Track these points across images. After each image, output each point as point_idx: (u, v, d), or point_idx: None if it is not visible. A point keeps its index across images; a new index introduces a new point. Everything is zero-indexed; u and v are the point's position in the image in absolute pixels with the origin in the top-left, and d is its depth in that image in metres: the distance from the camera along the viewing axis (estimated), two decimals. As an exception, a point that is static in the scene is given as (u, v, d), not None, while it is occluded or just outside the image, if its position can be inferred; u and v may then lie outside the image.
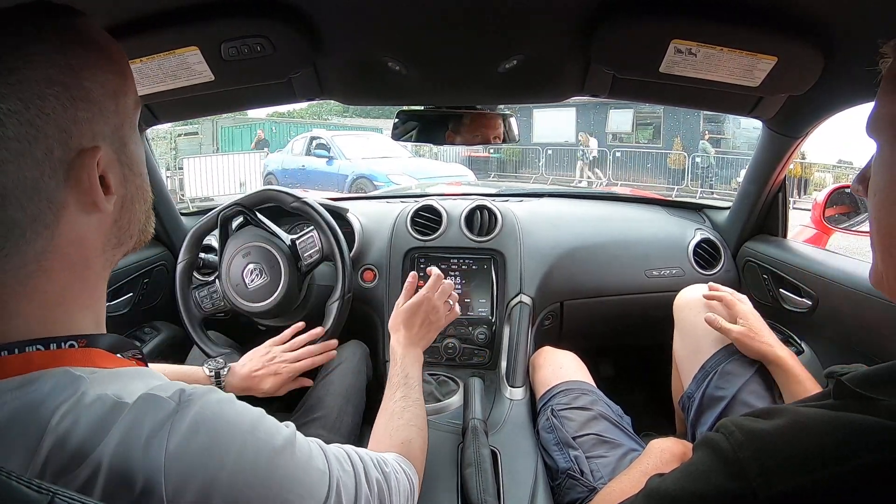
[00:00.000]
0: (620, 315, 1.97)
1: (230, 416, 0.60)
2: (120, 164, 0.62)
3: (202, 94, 1.27)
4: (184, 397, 0.57)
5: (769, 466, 0.58)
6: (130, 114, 0.65)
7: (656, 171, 15.45)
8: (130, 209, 0.65)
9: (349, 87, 1.47)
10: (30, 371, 0.54)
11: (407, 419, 1.07)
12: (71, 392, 0.53)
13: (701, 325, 1.38)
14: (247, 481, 0.58)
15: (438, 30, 1.16)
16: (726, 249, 1.95)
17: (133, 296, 1.74)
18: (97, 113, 0.59)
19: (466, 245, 1.89)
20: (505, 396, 1.59)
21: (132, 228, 0.67)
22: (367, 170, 11.59)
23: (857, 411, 0.58)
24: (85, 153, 0.57)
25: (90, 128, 0.58)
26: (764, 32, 1.06)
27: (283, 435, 0.65)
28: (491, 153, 17.79)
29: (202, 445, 0.55)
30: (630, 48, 1.13)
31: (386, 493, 0.80)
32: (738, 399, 1.27)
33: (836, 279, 1.47)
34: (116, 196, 0.62)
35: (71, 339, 0.58)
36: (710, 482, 0.63)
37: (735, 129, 15.84)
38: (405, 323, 1.27)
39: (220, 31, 1.08)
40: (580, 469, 1.25)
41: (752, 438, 0.61)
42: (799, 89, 1.20)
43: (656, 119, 16.74)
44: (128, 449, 0.52)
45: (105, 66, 0.60)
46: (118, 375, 0.59)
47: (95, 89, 0.58)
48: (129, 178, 0.64)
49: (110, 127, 0.61)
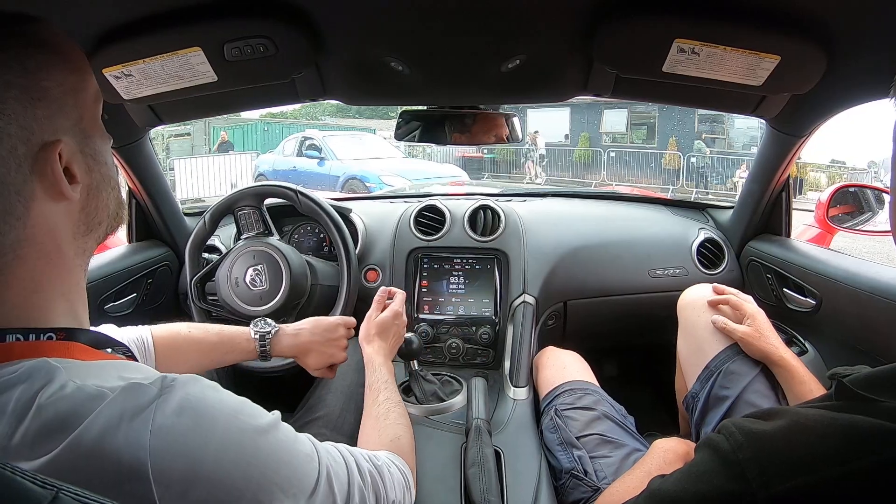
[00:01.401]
0: (624, 315, 1.97)
1: (213, 401, 0.61)
2: (83, 155, 0.65)
3: (205, 94, 1.27)
4: (166, 383, 0.59)
5: (769, 468, 0.58)
6: (90, 107, 0.68)
7: (651, 171, 15.52)
8: (97, 196, 0.68)
9: (352, 88, 1.47)
10: (10, 360, 0.56)
11: (393, 419, 1.09)
12: (48, 380, 0.55)
13: (704, 324, 1.38)
14: (232, 460, 0.59)
15: (440, 30, 1.16)
16: (730, 249, 1.95)
17: (137, 296, 1.74)
18: (56, 110, 0.62)
19: (470, 245, 1.89)
20: (508, 396, 1.59)
21: (100, 214, 0.69)
22: (359, 171, 11.48)
23: (859, 413, 0.58)
24: (47, 147, 0.60)
25: (50, 123, 0.61)
26: (767, 31, 1.05)
27: (266, 419, 0.66)
28: (485, 153, 17.74)
29: (186, 427, 0.57)
30: (633, 48, 1.13)
31: (380, 484, 0.82)
32: (742, 399, 1.26)
33: (840, 279, 1.46)
34: (82, 184, 0.65)
35: (50, 332, 0.61)
36: (710, 483, 0.63)
37: (730, 129, 15.94)
38: (380, 335, 1.30)
39: (222, 31, 1.08)
40: (584, 469, 1.25)
41: (752, 440, 0.61)
42: (802, 88, 1.20)
43: (651, 119, 16.69)
44: (110, 432, 0.53)
45: (61, 66, 0.64)
46: (99, 368, 0.61)
47: (53, 88, 0.62)
48: (93, 167, 0.67)
49: (70, 121, 0.64)
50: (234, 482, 0.58)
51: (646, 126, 17.10)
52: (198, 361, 1.22)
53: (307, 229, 2.06)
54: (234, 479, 0.58)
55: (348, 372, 1.53)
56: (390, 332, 1.32)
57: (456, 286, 1.87)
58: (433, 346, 1.82)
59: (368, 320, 1.33)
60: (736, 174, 14.41)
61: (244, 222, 1.67)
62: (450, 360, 1.80)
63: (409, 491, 0.93)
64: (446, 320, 1.82)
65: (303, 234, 2.05)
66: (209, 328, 1.26)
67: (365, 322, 1.33)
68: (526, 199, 2.25)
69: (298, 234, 2.05)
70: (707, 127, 16.20)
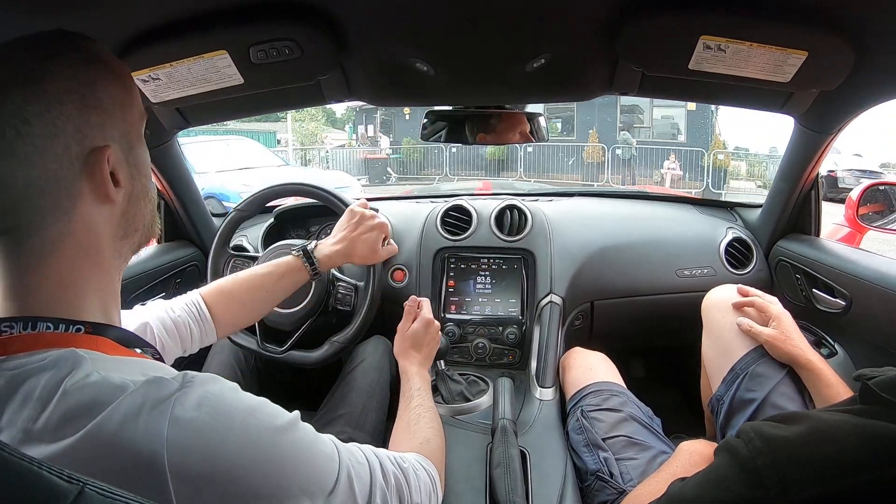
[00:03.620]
0: (651, 315, 1.95)
1: (232, 399, 0.63)
2: (127, 164, 0.71)
3: (232, 97, 1.29)
4: (187, 379, 0.61)
5: (787, 475, 0.58)
6: (136, 122, 0.73)
7: (572, 165, 15.53)
8: (136, 204, 0.73)
9: (377, 89, 1.48)
10: (39, 348, 0.59)
11: (424, 423, 1.11)
12: (73, 368, 0.58)
13: (730, 326, 1.37)
14: (250, 457, 0.60)
15: (465, 30, 1.16)
16: (758, 249, 1.92)
17: (166, 295, 1.76)
18: (107, 118, 0.67)
19: (496, 245, 1.89)
20: (535, 397, 1.58)
21: (137, 222, 0.74)
22: (220, 186, 8.13)
23: (883, 418, 0.58)
24: (98, 150, 0.65)
25: (101, 130, 0.66)
26: (794, 27, 1.04)
27: (285, 417, 0.68)
28: (389, 155, 17.80)
29: (204, 423, 0.59)
30: (658, 45, 1.13)
31: (405, 487, 0.82)
32: (768, 402, 1.25)
33: (871, 279, 1.43)
34: (124, 190, 0.70)
35: (79, 324, 0.64)
36: (728, 490, 0.63)
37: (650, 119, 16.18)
38: (414, 346, 1.34)
39: (248, 34, 1.10)
40: (609, 471, 1.25)
41: (771, 446, 0.61)
42: (830, 84, 1.18)
43: (567, 111, 16.41)
44: (130, 421, 0.56)
45: (113, 81, 0.69)
46: (123, 363, 0.64)
47: (106, 99, 0.67)
48: (135, 176, 0.72)
49: (118, 131, 0.69)
50: (251, 479, 0.60)
51: (561, 119, 17.13)
52: (254, 300, 1.25)
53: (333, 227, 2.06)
54: (252, 476, 0.60)
55: (369, 370, 1.55)
56: (423, 341, 1.36)
57: (483, 286, 1.87)
58: (460, 346, 1.82)
59: (401, 333, 1.36)
60: (665, 165, 14.27)
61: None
62: (476, 360, 1.80)
63: (436, 493, 0.93)
64: (473, 320, 1.82)
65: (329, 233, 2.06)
66: (254, 268, 1.30)
67: (398, 335, 1.36)
68: (553, 198, 2.24)
69: (325, 234, 2.06)
70: (628, 118, 16.20)
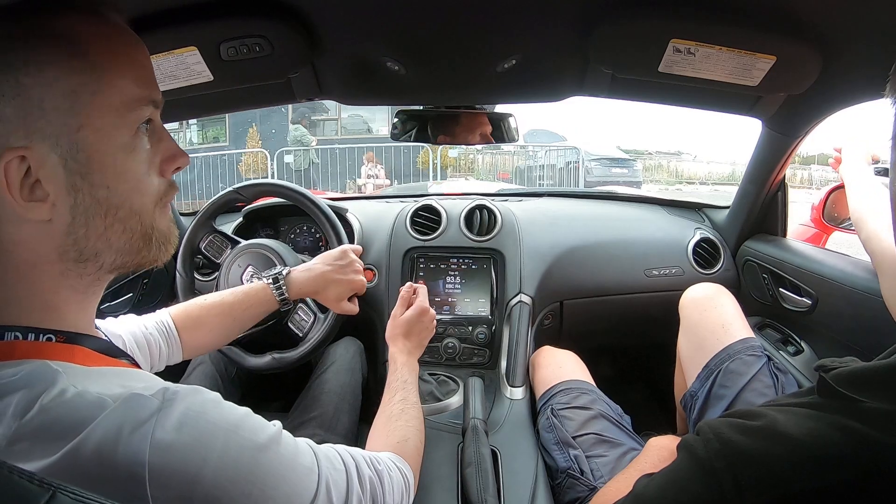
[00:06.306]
0: (620, 314, 1.97)
1: (214, 416, 0.59)
2: (66, 171, 0.57)
3: (201, 94, 1.27)
4: (167, 395, 0.57)
5: (743, 480, 0.59)
6: (107, 116, 0.59)
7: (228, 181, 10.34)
8: (86, 223, 0.60)
9: (348, 87, 1.47)
10: (10, 359, 0.55)
11: (405, 420, 1.07)
12: (48, 385, 0.53)
13: (706, 323, 1.39)
14: (229, 478, 0.57)
15: (436, 30, 1.16)
16: (726, 249, 1.96)
17: (133, 296, 1.74)
18: (34, 110, 0.54)
19: (466, 245, 1.89)
20: (505, 396, 1.59)
21: (97, 245, 0.61)
22: None
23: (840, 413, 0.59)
24: (7, 152, 0.54)
25: (23, 125, 0.54)
26: (762, 32, 1.06)
27: (267, 433, 0.64)
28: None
29: (185, 443, 0.55)
30: (629, 48, 1.14)
31: (379, 491, 0.80)
32: (740, 398, 1.27)
33: (836, 278, 1.46)
34: (60, 204, 0.57)
35: (49, 333, 0.59)
36: (687, 490, 0.65)
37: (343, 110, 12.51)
38: (405, 333, 1.28)
39: (219, 31, 1.08)
40: (580, 468, 1.26)
41: (727, 448, 0.62)
42: (798, 88, 1.20)
43: None
44: (109, 444, 0.52)
45: (62, 64, 0.56)
46: (99, 374, 0.59)
47: (35, 86, 0.54)
48: (81, 187, 0.58)
49: (55, 127, 0.56)
50: (231, 499, 0.57)
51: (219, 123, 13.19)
52: (221, 326, 1.20)
53: (303, 229, 2.05)
54: (232, 496, 0.57)
55: (341, 372, 1.53)
56: (416, 329, 1.30)
57: (452, 286, 1.87)
58: (429, 346, 1.80)
59: (394, 319, 1.31)
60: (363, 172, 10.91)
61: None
62: (446, 360, 1.80)
63: (409, 493, 0.92)
64: (443, 320, 1.81)
65: (299, 233, 2.05)
66: (223, 292, 1.24)
67: (390, 321, 1.31)
68: (522, 199, 2.25)
69: (294, 234, 2.05)
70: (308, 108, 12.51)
